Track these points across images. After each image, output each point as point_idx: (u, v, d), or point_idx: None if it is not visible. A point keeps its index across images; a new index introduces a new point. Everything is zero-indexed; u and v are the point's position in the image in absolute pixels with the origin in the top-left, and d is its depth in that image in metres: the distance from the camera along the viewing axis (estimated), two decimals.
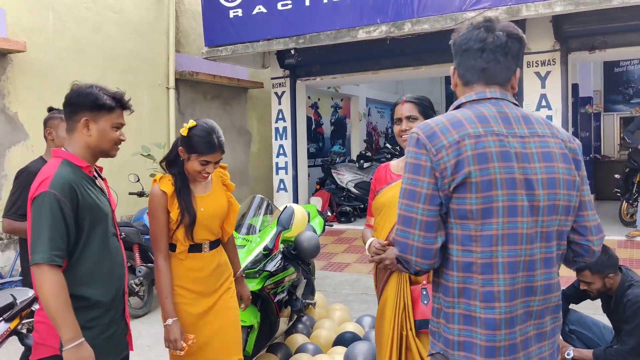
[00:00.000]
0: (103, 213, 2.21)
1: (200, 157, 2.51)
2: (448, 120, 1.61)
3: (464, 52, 1.70)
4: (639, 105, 12.48)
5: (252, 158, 10.46)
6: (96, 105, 2.19)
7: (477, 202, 1.54)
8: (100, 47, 7.52)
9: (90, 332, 2.14)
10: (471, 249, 1.56)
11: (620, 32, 6.91)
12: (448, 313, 1.61)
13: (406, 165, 1.61)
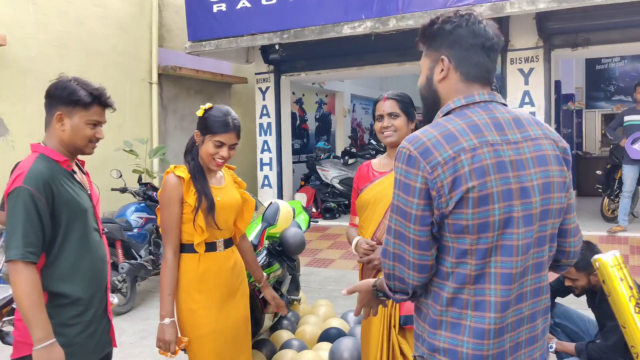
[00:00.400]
0: (82, 208, 2.15)
1: (214, 136, 2.45)
2: (440, 134, 1.51)
3: (470, 47, 1.60)
4: (620, 102, 12.65)
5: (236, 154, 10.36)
6: (71, 100, 2.13)
7: (473, 217, 1.48)
8: (82, 41, 7.43)
9: (71, 330, 2.11)
10: (466, 261, 1.52)
11: (602, 30, 6.98)
12: (436, 320, 1.56)
13: (396, 181, 1.53)
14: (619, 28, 6.89)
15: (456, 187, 1.47)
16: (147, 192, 6.41)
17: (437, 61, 1.62)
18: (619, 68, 12.89)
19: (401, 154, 1.52)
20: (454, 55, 1.60)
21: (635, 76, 12.44)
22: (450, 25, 1.60)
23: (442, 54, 1.61)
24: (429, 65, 1.64)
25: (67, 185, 2.12)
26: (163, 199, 2.49)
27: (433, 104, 1.66)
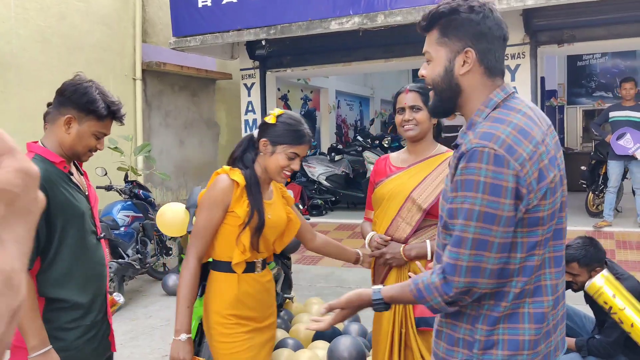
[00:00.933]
0: (78, 211, 2.07)
1: (289, 148, 2.20)
2: (513, 129, 1.46)
3: (495, 40, 1.55)
4: (600, 98, 12.80)
5: (221, 151, 10.32)
6: (87, 108, 2.05)
7: (548, 207, 1.49)
8: (64, 37, 7.28)
9: (71, 334, 2.06)
10: (534, 253, 1.51)
11: (588, 26, 7.03)
12: (497, 317, 1.52)
13: (479, 184, 1.43)
14: (604, 25, 6.96)
15: (541, 180, 1.47)
16: (134, 190, 6.32)
17: (459, 53, 1.55)
18: (600, 64, 13.04)
19: (483, 155, 1.43)
20: (480, 48, 1.54)
21: (616, 72, 12.60)
22: (477, 15, 1.53)
23: (467, 45, 1.54)
24: (448, 56, 1.56)
25: (62, 188, 2.04)
26: (206, 199, 2.23)
27: (452, 97, 1.59)
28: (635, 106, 7.24)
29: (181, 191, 9.33)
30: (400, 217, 2.43)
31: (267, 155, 2.22)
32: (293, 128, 2.22)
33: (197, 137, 9.74)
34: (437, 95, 1.62)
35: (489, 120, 1.51)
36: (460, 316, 1.58)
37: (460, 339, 1.58)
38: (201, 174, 9.76)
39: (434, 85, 1.60)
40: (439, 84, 1.59)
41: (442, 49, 1.56)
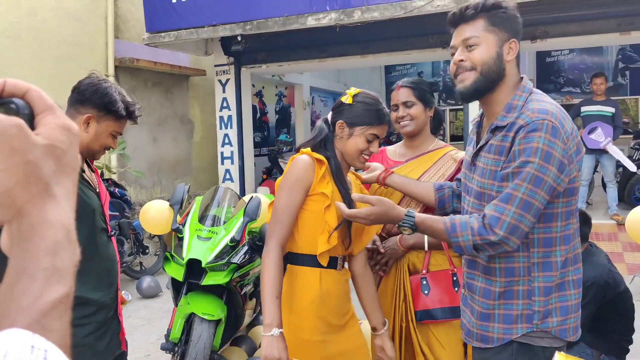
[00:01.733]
0: (89, 208, 2.08)
1: (368, 129, 2.04)
2: (557, 107, 1.70)
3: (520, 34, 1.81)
4: (569, 94, 13.04)
5: (195, 148, 10.20)
6: (107, 108, 2.10)
7: (579, 179, 1.75)
8: (35, 32, 7.10)
9: (81, 330, 2.06)
10: (570, 222, 1.73)
11: (560, 23, 7.14)
12: (551, 287, 1.71)
13: (538, 150, 1.60)
14: (576, 21, 7.08)
15: (578, 154, 1.69)
16: (109, 188, 6.21)
17: (505, 42, 1.75)
18: (568, 60, 13.28)
19: (544, 125, 1.62)
20: (519, 42, 1.79)
21: (583, 68, 12.86)
22: (514, 12, 1.78)
23: (512, 37, 1.76)
24: (498, 43, 1.75)
25: None
26: (284, 181, 2.02)
27: (496, 79, 1.77)
28: (605, 101, 7.41)
29: (155, 189, 9.20)
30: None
31: (345, 138, 2.07)
32: (372, 107, 2.07)
33: (171, 134, 9.61)
34: (483, 76, 1.76)
35: (533, 100, 1.72)
36: (514, 294, 1.74)
37: (519, 315, 1.73)
38: (175, 171, 9.64)
39: (482, 67, 1.75)
40: (491, 66, 1.75)
41: (492, 36, 1.75)
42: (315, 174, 2.01)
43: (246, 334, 4.22)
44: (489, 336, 1.76)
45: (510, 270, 1.73)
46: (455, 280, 2.34)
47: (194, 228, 3.51)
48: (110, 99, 2.10)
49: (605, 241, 6.74)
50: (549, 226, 1.70)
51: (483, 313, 1.78)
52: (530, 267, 1.71)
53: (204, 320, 3.31)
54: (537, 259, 1.71)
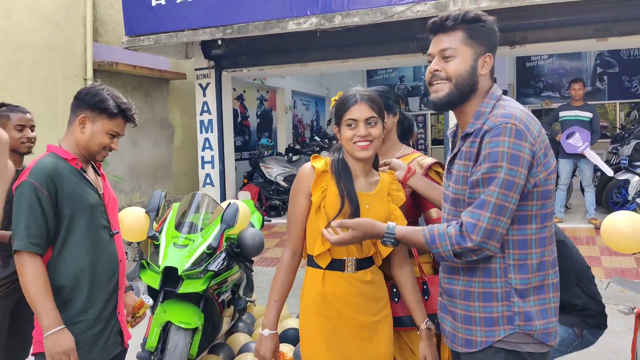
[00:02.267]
0: (86, 204, 2.21)
1: (345, 115, 2.08)
2: (523, 111, 1.73)
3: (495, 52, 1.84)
4: (548, 98, 13.17)
5: (176, 152, 10.12)
6: (98, 107, 2.23)
7: (553, 182, 1.75)
8: (10, 35, 6.98)
9: (76, 327, 2.16)
10: (545, 225, 1.76)
11: (539, 29, 7.22)
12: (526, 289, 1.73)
13: (504, 155, 1.64)
14: (554, 27, 7.16)
15: (546, 156, 1.72)
16: None
17: (481, 55, 1.79)
18: (547, 65, 13.41)
19: (507, 129, 1.66)
20: (493, 54, 1.82)
21: (562, 73, 13.00)
22: (492, 26, 1.82)
23: (487, 51, 1.80)
24: (473, 56, 1.78)
25: (72, 181, 2.19)
26: (291, 191, 2.18)
27: (469, 92, 1.80)
28: (583, 106, 7.49)
29: (135, 193, 9.10)
30: None
31: (340, 135, 2.14)
32: (341, 100, 2.15)
33: (151, 138, 9.52)
34: (457, 89, 1.80)
35: (500, 107, 1.76)
36: (493, 295, 1.76)
37: (500, 317, 1.75)
38: (155, 176, 9.55)
39: (456, 79, 1.79)
40: (464, 79, 1.79)
41: (469, 49, 1.78)
42: (312, 178, 2.11)
43: (224, 342, 4.18)
44: (473, 340, 1.78)
45: (488, 270, 1.75)
46: (425, 289, 2.33)
47: (171, 235, 3.46)
48: (101, 97, 2.23)
49: (583, 245, 6.80)
50: (523, 228, 1.73)
51: (466, 316, 1.80)
52: (506, 268, 1.74)
53: (180, 328, 3.26)
54: (512, 260, 1.74)
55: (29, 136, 3.19)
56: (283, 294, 2.15)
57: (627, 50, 12.21)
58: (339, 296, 2.10)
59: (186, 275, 3.29)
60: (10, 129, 3.12)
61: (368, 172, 2.19)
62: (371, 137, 2.09)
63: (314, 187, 2.10)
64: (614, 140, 8.37)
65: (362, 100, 2.10)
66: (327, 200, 2.08)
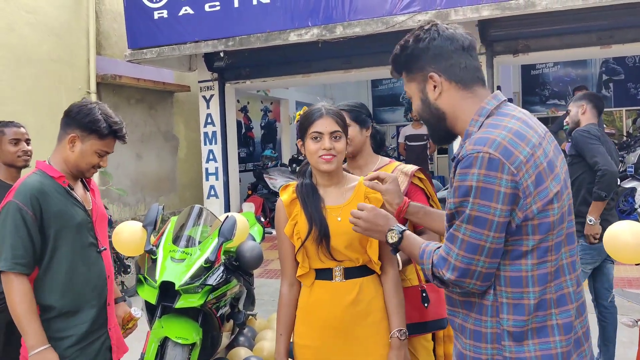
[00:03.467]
0: (73, 221, 2.22)
1: (309, 129, 2.10)
2: (509, 132, 1.48)
3: (453, 53, 1.59)
4: (554, 106, 13.12)
5: (180, 164, 10.12)
6: (90, 127, 2.22)
7: (557, 212, 1.50)
8: (13, 48, 7.02)
9: (62, 343, 2.18)
10: (546, 259, 1.51)
11: (542, 37, 7.18)
12: (522, 332, 1.51)
13: (472, 189, 1.45)
14: (557, 35, 7.12)
15: (539, 184, 1.46)
16: None
17: (426, 81, 1.62)
18: (553, 73, 13.38)
19: (477, 160, 1.45)
20: (441, 68, 1.60)
21: (568, 80, 12.94)
22: (423, 42, 1.61)
23: (428, 71, 1.61)
24: (419, 88, 1.65)
25: (57, 200, 2.19)
26: (275, 228, 2.28)
27: (439, 123, 1.65)
28: None
29: (139, 206, 9.09)
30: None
31: (305, 151, 2.16)
32: (309, 111, 2.17)
33: (155, 151, 9.53)
34: (427, 126, 1.72)
35: (483, 127, 1.54)
36: (482, 336, 1.56)
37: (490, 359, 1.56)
38: (160, 189, 9.54)
39: (422, 119, 1.71)
40: (424, 115, 1.68)
41: (412, 84, 1.67)
42: (286, 213, 2.20)
43: (225, 356, 4.13)
44: None
45: (480, 307, 1.57)
46: (424, 297, 2.34)
47: (168, 249, 3.43)
48: (93, 118, 2.22)
49: None
50: (517, 264, 1.51)
51: (459, 352, 1.66)
52: (498, 307, 1.53)
53: (178, 344, 3.22)
54: (505, 299, 1.52)
55: (24, 149, 3.19)
56: (289, 327, 2.22)
57: (633, 57, 12.15)
58: (323, 305, 2.13)
59: (183, 289, 3.25)
60: (6, 144, 3.14)
61: (339, 182, 2.22)
62: (335, 151, 2.10)
63: (290, 216, 2.18)
64: (621, 148, 8.30)
65: (328, 115, 2.13)
66: (298, 226, 2.15)
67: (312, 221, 2.10)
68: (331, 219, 2.12)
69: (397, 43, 1.70)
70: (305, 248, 2.13)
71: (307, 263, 2.15)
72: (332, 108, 2.17)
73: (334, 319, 2.12)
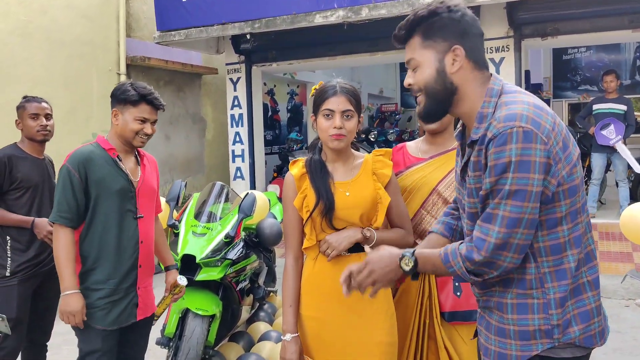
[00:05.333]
0: (113, 188, 2.53)
1: (322, 106, 2.14)
2: (529, 105, 1.52)
3: (475, 36, 1.63)
4: (586, 92, 12.85)
5: (207, 146, 10.27)
6: (122, 98, 2.54)
7: (579, 174, 1.58)
8: (46, 31, 7.20)
9: (94, 294, 2.52)
10: (578, 221, 1.58)
11: (571, 19, 7.05)
12: (565, 297, 1.57)
13: (511, 164, 1.46)
14: (587, 18, 6.98)
15: (565, 149, 1.53)
16: None
17: (447, 52, 1.60)
18: (585, 58, 13.08)
19: (512, 135, 1.47)
20: (465, 45, 1.60)
21: (601, 66, 12.65)
22: (456, 14, 1.59)
23: (453, 43, 1.59)
24: (437, 57, 1.61)
25: (102, 167, 2.53)
26: (282, 199, 2.31)
27: (447, 97, 1.64)
28: (617, 98, 7.29)
29: (167, 187, 9.25)
30: (425, 209, 2.39)
31: (317, 126, 2.19)
32: (323, 87, 2.20)
33: (183, 133, 9.69)
34: (430, 99, 1.65)
35: (502, 105, 1.55)
36: (529, 307, 1.59)
37: (536, 331, 1.58)
38: (188, 169, 9.71)
39: (425, 89, 1.64)
40: (433, 86, 1.62)
41: (428, 52, 1.61)
42: (296, 187, 2.23)
43: (245, 330, 4.24)
44: (507, 354, 1.62)
45: (523, 282, 1.59)
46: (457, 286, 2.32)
47: (190, 224, 3.53)
48: (122, 89, 2.56)
49: (615, 241, 6.65)
50: (554, 232, 1.55)
51: (500, 328, 1.64)
52: (542, 277, 1.57)
53: (198, 315, 3.33)
54: (547, 268, 1.56)
55: (42, 124, 3.25)
56: (296, 298, 2.22)
57: None
58: (327, 276, 2.16)
59: (204, 263, 3.35)
60: (26, 118, 3.23)
61: (348, 158, 2.25)
62: (345, 130, 2.13)
63: (300, 192, 2.21)
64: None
65: (341, 93, 2.14)
66: (307, 200, 2.19)
67: (319, 195, 2.15)
68: (339, 194, 2.16)
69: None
70: (313, 220, 2.16)
71: (314, 235, 2.18)
72: (347, 86, 2.17)
73: (337, 291, 2.03)
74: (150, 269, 2.76)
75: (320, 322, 2.18)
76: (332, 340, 2.16)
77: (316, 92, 2.22)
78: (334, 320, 2.17)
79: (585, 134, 7.86)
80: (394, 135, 11.90)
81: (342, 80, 2.22)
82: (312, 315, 2.20)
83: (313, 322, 2.20)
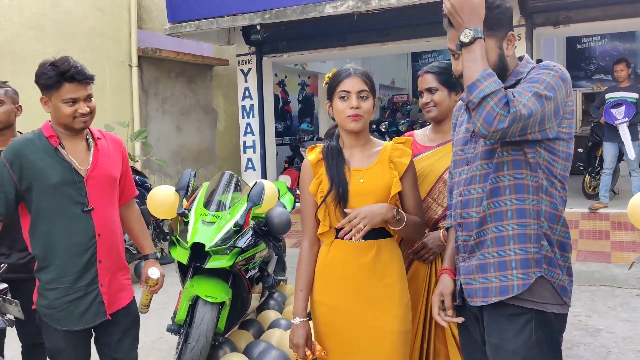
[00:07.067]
0: (51, 180, 2.25)
1: (338, 88, 2.15)
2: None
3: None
4: (600, 81, 12.70)
5: (219, 137, 10.32)
6: (43, 84, 2.25)
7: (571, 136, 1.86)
8: (59, 23, 7.27)
9: (50, 293, 2.29)
10: (567, 164, 1.86)
11: (583, 8, 6.99)
12: (550, 238, 1.81)
13: (544, 81, 1.68)
14: (600, 6, 6.92)
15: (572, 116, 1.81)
16: None
17: (504, 39, 1.79)
18: (599, 47, 12.94)
19: (554, 69, 1.72)
20: (512, 29, 1.82)
21: (615, 55, 12.49)
22: (505, 3, 1.80)
23: (509, 30, 1.80)
24: (497, 45, 1.78)
25: (40, 158, 2.25)
26: (299, 185, 2.33)
27: (503, 74, 1.79)
28: (630, 87, 7.22)
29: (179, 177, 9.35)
30: (431, 197, 2.43)
31: (332, 110, 2.21)
32: (335, 73, 2.21)
33: (195, 124, 9.75)
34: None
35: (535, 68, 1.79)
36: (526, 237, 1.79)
37: (532, 259, 1.78)
38: (199, 160, 9.78)
39: (494, 68, 1.76)
40: (497, 67, 1.77)
41: (491, 41, 1.77)
42: (312, 172, 2.23)
43: (255, 318, 4.29)
44: (509, 285, 1.77)
45: (522, 212, 1.78)
46: None
47: (199, 213, 3.57)
48: (39, 73, 2.25)
49: (628, 231, 6.60)
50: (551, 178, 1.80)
51: (500, 262, 1.80)
52: (539, 211, 1.78)
53: (207, 302, 3.37)
54: (545, 206, 1.79)
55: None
56: (308, 283, 2.23)
57: None
58: (341, 261, 2.17)
59: (213, 251, 3.39)
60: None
61: (365, 144, 2.25)
62: (361, 110, 2.14)
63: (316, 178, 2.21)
64: None
65: (355, 74, 2.16)
66: (323, 185, 2.19)
67: (332, 182, 2.15)
68: (354, 181, 2.16)
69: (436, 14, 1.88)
70: (327, 206, 2.16)
71: (328, 221, 2.18)
72: (360, 68, 2.20)
73: (351, 278, 2.15)
74: (116, 263, 2.44)
75: (331, 308, 2.18)
76: (343, 326, 2.16)
77: (330, 78, 2.23)
78: (346, 307, 2.16)
79: (597, 124, 7.80)
80: (405, 126, 11.86)
81: (355, 65, 2.24)
82: (324, 301, 2.20)
83: (325, 307, 2.20)
